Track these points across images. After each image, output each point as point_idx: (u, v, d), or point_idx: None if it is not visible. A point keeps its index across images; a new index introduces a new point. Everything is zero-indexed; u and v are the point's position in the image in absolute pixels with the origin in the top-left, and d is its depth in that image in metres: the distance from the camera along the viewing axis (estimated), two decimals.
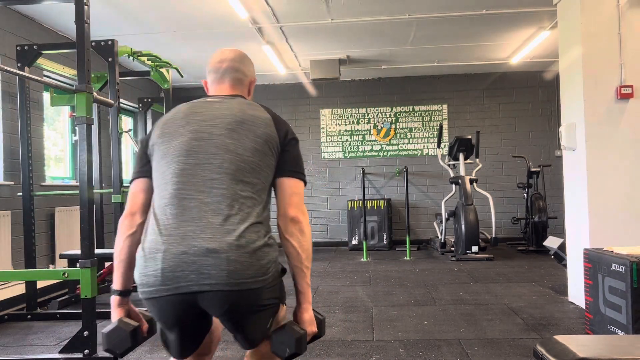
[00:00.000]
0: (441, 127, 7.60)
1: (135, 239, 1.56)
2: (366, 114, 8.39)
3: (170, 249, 1.42)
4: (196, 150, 1.52)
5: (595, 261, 3.15)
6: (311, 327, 1.61)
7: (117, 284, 1.60)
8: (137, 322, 1.60)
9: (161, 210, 1.49)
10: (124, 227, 1.58)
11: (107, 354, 3.01)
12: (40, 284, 4.41)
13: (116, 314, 1.60)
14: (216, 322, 1.73)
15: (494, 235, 6.63)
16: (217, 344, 1.79)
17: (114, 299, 1.60)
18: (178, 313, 1.46)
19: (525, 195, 7.21)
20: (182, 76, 5.73)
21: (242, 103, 1.63)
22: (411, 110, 8.32)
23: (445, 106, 8.27)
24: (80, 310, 2.97)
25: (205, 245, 1.41)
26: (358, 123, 8.39)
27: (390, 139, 8.34)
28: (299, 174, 1.62)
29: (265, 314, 1.53)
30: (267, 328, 1.55)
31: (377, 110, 8.37)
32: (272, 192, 1.65)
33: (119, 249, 1.58)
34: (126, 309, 1.62)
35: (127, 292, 1.62)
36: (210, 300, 1.42)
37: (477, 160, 7.12)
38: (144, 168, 1.61)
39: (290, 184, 1.60)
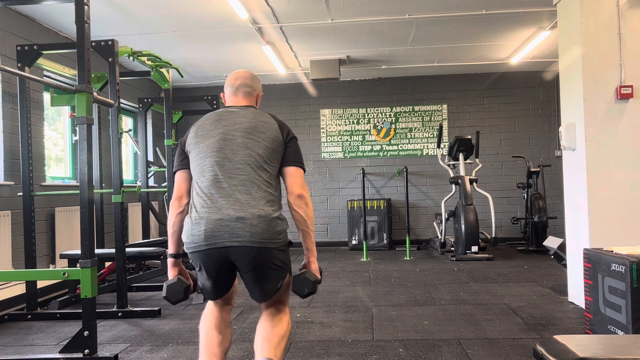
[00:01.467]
0: (441, 127, 7.59)
1: (184, 216, 2.10)
2: (366, 114, 8.39)
3: (211, 216, 1.97)
4: (224, 148, 2.06)
5: (595, 261, 3.15)
6: (317, 275, 2.15)
7: (171, 249, 2.15)
8: (189, 282, 2.15)
9: (203, 190, 2.03)
10: (175, 207, 2.13)
11: (107, 354, 3.06)
12: (40, 284, 4.42)
13: (172, 272, 2.16)
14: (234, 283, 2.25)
15: (493, 235, 6.63)
16: (235, 298, 2.32)
17: (170, 261, 2.16)
18: (215, 262, 2.01)
19: (525, 195, 7.21)
20: (182, 76, 5.73)
21: (254, 112, 2.17)
22: (411, 110, 8.32)
23: (445, 106, 8.27)
24: (81, 310, 2.98)
25: (236, 214, 1.96)
26: (358, 123, 8.39)
27: (390, 139, 8.34)
28: (299, 163, 2.16)
29: (277, 274, 2.06)
30: (277, 287, 2.07)
31: (377, 110, 8.38)
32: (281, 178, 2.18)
33: (172, 223, 2.13)
34: (179, 268, 2.17)
35: (179, 255, 2.16)
36: (238, 253, 1.97)
37: (477, 160, 7.11)
38: (184, 162, 2.16)
39: (293, 170, 2.14)
